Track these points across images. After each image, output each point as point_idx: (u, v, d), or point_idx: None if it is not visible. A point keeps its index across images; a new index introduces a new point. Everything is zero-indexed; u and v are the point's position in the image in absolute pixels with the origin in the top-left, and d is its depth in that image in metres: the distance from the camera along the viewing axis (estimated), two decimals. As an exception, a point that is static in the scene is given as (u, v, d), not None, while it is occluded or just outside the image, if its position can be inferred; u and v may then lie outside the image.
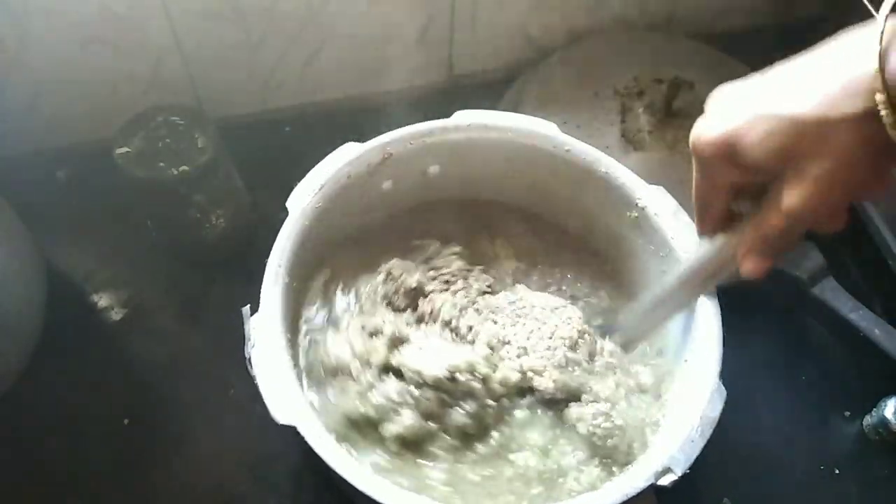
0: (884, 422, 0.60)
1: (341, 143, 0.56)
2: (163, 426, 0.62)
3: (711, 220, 0.44)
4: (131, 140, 0.62)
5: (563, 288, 0.60)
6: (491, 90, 0.80)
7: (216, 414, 0.62)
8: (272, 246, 0.51)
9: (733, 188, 0.41)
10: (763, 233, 0.40)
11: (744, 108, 0.37)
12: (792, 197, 0.36)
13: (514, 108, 0.74)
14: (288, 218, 0.52)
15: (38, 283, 0.60)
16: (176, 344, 0.66)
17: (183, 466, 0.60)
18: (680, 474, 0.43)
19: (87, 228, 0.72)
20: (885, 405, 0.61)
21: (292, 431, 0.43)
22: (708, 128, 0.38)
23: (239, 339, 0.47)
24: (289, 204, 0.53)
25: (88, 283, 0.69)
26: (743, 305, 0.63)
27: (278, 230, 0.52)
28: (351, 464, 0.43)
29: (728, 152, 0.37)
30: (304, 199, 0.53)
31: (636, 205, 0.56)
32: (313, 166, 0.55)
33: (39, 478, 0.59)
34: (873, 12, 0.66)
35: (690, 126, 0.71)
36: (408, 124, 0.57)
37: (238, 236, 0.69)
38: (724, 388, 0.46)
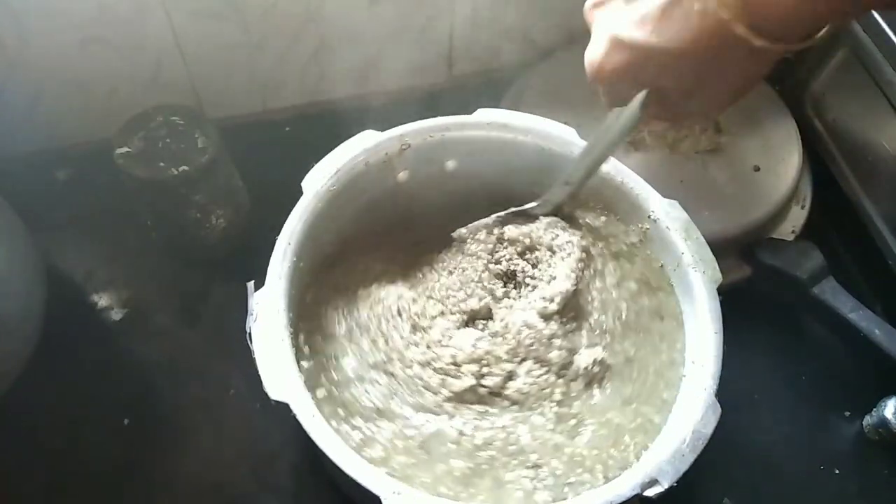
0: (884, 422, 0.60)
1: (341, 144, 0.56)
2: (163, 426, 0.62)
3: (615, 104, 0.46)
4: (131, 140, 0.62)
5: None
6: (491, 90, 0.80)
7: (216, 414, 0.62)
8: (274, 244, 0.51)
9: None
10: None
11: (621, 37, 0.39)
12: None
13: (515, 109, 0.73)
14: (301, 198, 0.52)
15: (38, 283, 0.60)
16: (176, 344, 0.66)
17: (183, 466, 0.60)
18: (667, 487, 0.43)
19: (87, 228, 0.72)
20: (885, 405, 0.61)
21: (290, 430, 0.43)
22: (607, 59, 0.41)
23: (239, 339, 0.47)
24: (304, 184, 0.53)
25: (88, 283, 0.69)
26: (743, 305, 0.63)
27: (279, 230, 0.51)
28: (340, 446, 0.43)
29: (631, 78, 0.41)
30: (318, 182, 0.53)
31: (648, 217, 0.55)
32: (313, 167, 0.55)
33: (39, 477, 0.59)
34: (874, 13, 0.66)
35: (691, 126, 0.72)
36: (407, 124, 0.57)
37: (238, 236, 0.69)
38: (719, 405, 0.46)
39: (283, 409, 0.43)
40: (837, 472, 0.61)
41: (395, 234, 0.61)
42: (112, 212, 0.71)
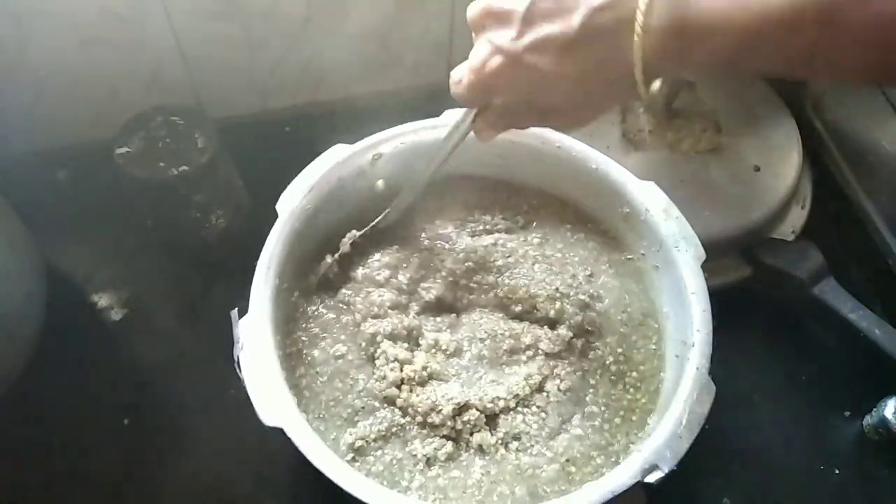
0: (884, 422, 0.60)
1: (313, 161, 0.56)
2: (163, 426, 0.62)
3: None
4: (131, 140, 0.62)
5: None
6: (491, 90, 0.80)
7: (216, 414, 0.62)
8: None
9: None
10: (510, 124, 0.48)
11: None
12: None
13: (514, 108, 0.74)
14: (277, 220, 0.52)
15: (38, 283, 0.60)
16: (176, 344, 0.66)
17: (183, 466, 0.60)
18: (667, 471, 0.43)
19: (87, 228, 0.72)
20: (885, 405, 0.61)
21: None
22: (494, 73, 0.43)
23: (239, 339, 0.47)
24: (278, 207, 0.53)
25: (88, 283, 0.69)
26: (743, 305, 0.63)
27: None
28: (338, 465, 0.43)
29: (509, 90, 0.44)
30: (293, 202, 0.53)
31: (627, 200, 0.56)
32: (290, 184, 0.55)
33: (39, 477, 0.59)
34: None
35: (691, 126, 0.72)
36: (377, 133, 0.58)
37: (238, 236, 0.69)
38: (713, 384, 0.46)
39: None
40: (837, 472, 0.61)
41: (380, 243, 0.61)
42: (112, 212, 0.71)
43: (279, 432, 0.44)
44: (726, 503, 0.59)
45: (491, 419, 0.50)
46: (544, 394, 0.51)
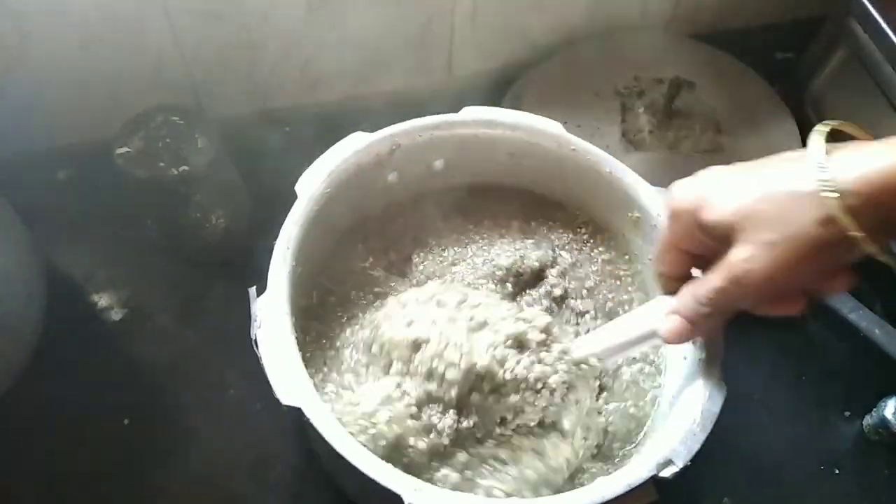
0: (884, 422, 0.60)
1: (333, 146, 0.56)
2: (163, 426, 0.62)
3: (669, 277, 0.45)
4: (131, 140, 0.62)
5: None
6: (491, 90, 0.80)
7: (216, 414, 0.62)
8: (273, 244, 0.50)
9: (693, 250, 0.43)
10: (697, 291, 0.42)
11: (721, 178, 0.40)
12: (739, 253, 0.38)
13: (515, 108, 0.74)
14: (297, 202, 0.52)
15: (38, 283, 0.60)
16: (176, 344, 0.66)
17: (182, 466, 0.60)
18: (681, 466, 0.43)
19: (87, 228, 0.72)
20: (885, 405, 0.61)
21: (291, 429, 0.43)
22: (685, 185, 0.41)
23: (239, 339, 0.47)
24: (297, 188, 0.53)
25: (88, 283, 0.69)
26: (743, 305, 0.63)
27: (278, 229, 0.51)
28: (356, 447, 0.43)
29: (697, 204, 0.40)
30: (312, 185, 0.53)
31: (638, 206, 0.56)
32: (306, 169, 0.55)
33: (39, 478, 0.59)
34: (874, 13, 0.66)
35: (691, 126, 0.72)
36: (396, 124, 0.58)
37: (238, 236, 0.69)
38: (724, 384, 0.47)
39: (283, 408, 0.43)
40: (837, 472, 0.61)
41: (390, 235, 0.61)
42: (112, 212, 0.71)
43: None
44: (726, 503, 0.59)
45: None
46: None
